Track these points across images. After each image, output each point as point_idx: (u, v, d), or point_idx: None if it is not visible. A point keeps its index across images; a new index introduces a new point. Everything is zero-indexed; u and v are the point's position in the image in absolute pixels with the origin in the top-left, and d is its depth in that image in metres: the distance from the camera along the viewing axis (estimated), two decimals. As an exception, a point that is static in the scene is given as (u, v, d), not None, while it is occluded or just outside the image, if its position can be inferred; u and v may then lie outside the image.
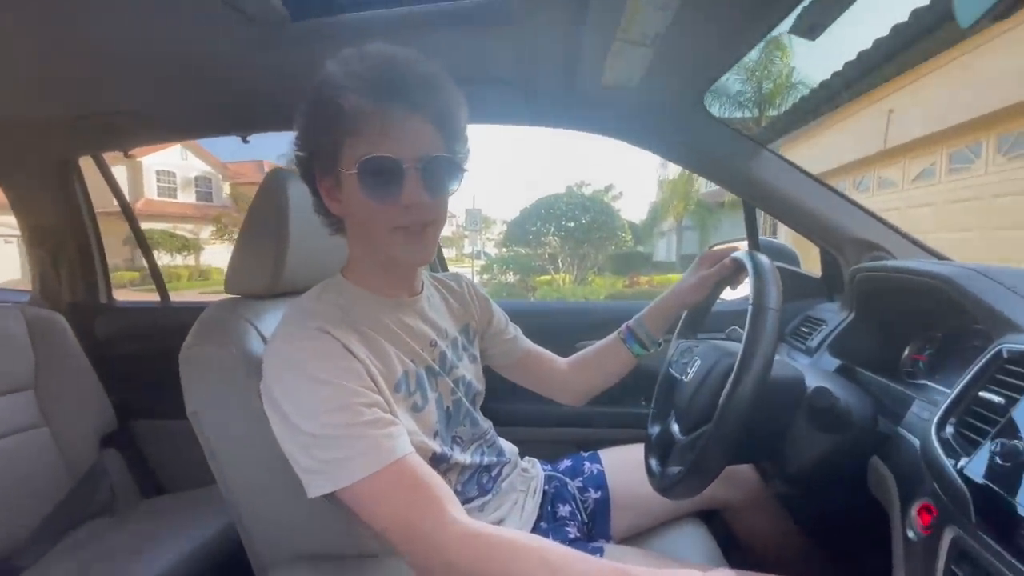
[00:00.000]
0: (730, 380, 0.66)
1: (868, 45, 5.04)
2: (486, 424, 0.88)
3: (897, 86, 5.94)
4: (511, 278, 12.27)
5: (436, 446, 0.71)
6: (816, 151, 8.09)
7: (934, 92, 5.49)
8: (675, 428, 0.84)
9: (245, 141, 1.38)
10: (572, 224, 11.97)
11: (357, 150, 0.62)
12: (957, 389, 0.59)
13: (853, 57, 5.38)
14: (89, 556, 1.10)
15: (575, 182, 17.34)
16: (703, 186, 13.83)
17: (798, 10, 0.72)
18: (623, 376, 1.01)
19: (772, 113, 12.23)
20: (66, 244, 1.67)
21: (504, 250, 13.90)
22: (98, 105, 1.21)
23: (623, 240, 12.91)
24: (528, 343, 1.01)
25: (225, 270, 0.84)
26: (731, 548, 0.99)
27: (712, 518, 1.03)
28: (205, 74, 1.06)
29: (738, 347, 0.86)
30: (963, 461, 0.51)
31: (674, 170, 13.27)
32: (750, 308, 0.69)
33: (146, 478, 1.46)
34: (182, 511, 1.25)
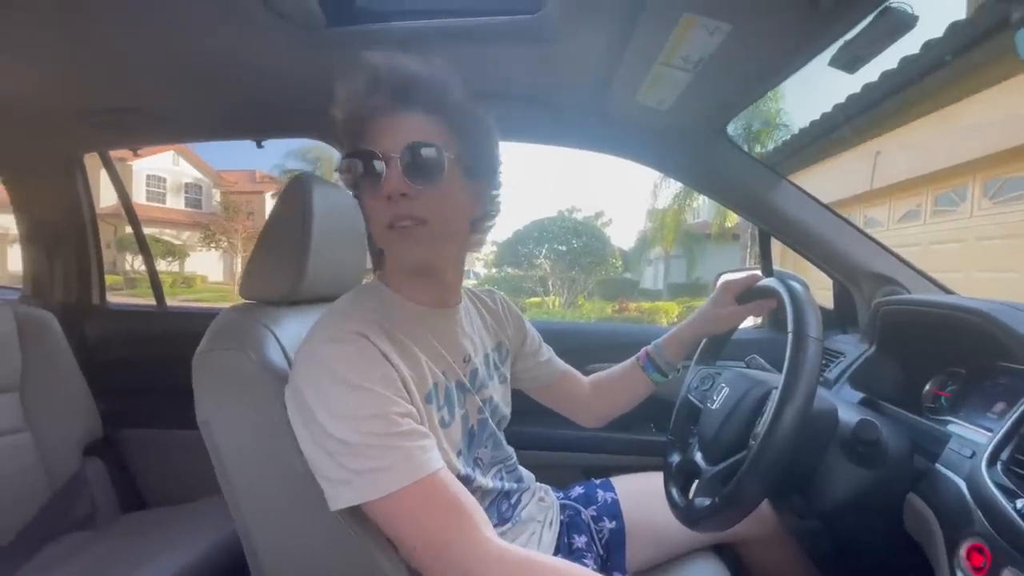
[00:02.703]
0: (771, 410, 0.64)
1: (857, 89, 5.24)
2: (509, 449, 0.85)
3: (884, 129, 6.13)
4: (501, 299, 12.20)
5: (460, 466, 0.68)
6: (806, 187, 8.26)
7: (920, 137, 5.67)
8: (698, 457, 0.82)
9: (259, 146, 1.35)
10: (563, 248, 12.06)
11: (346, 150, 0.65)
12: (1005, 426, 0.58)
13: (843, 100, 5.59)
14: (66, 574, 1.02)
15: (566, 207, 17.53)
16: (690, 217, 14.03)
17: (840, 43, 0.73)
18: (640, 402, 1.00)
19: (759, 150, 12.52)
20: (64, 241, 1.61)
21: (494, 270, 13.89)
22: (110, 101, 1.18)
23: (613, 266, 13.01)
24: (563, 365, 0.99)
25: (208, 278, 0.81)
26: None
27: (722, 551, 1.00)
28: (226, 74, 1.04)
29: (767, 376, 0.85)
30: (1021, 502, 0.50)
31: (663, 200, 13.43)
32: (790, 336, 0.67)
33: (128, 491, 1.38)
34: (165, 528, 1.18)
